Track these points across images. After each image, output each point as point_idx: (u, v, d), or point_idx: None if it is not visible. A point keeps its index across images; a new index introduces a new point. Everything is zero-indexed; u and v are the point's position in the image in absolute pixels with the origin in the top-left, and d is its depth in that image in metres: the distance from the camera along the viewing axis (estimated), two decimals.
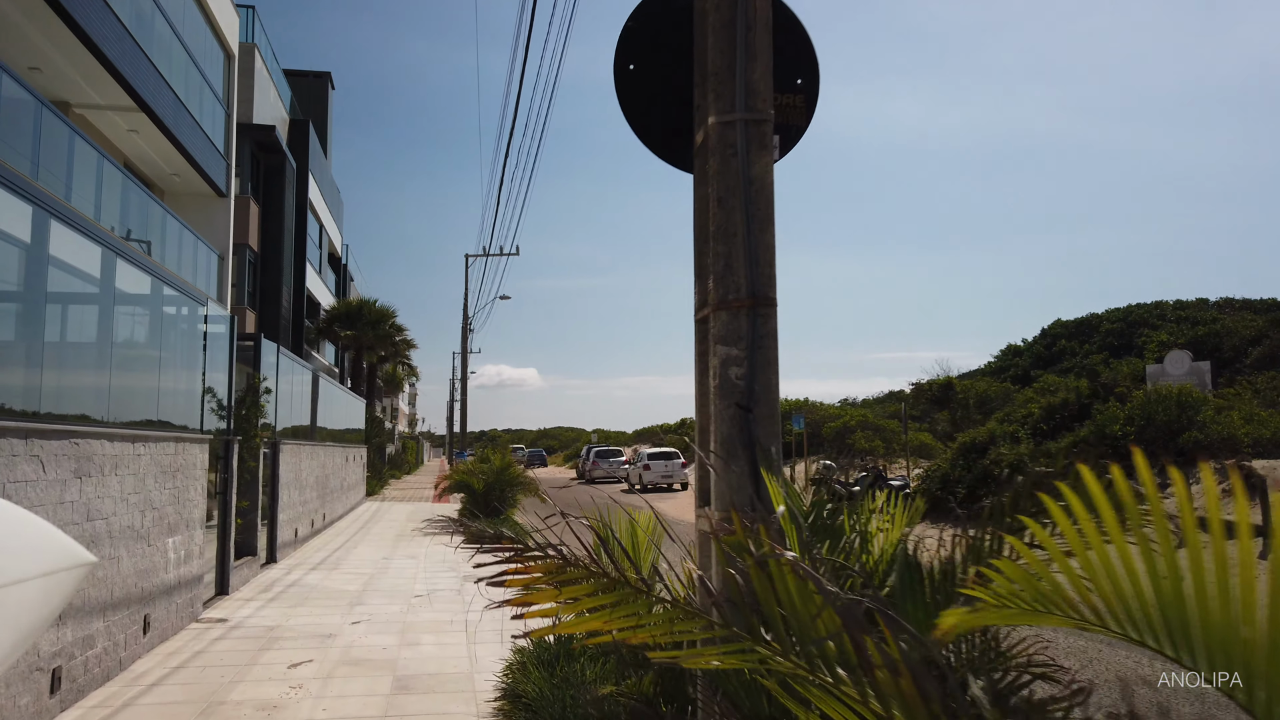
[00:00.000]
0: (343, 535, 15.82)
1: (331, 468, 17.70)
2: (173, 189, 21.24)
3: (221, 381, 9.21)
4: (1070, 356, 38.24)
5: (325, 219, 37.23)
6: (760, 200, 2.51)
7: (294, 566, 11.52)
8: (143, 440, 6.44)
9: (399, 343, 39.98)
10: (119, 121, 16.80)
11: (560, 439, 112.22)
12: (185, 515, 7.53)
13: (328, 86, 40.18)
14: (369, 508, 22.89)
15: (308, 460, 14.45)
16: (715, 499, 2.65)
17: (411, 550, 13.60)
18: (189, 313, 8.03)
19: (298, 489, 13.43)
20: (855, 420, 31.54)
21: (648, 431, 72.42)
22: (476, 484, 16.92)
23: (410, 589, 9.78)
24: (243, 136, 26.42)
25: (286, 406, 13.10)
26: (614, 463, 42.21)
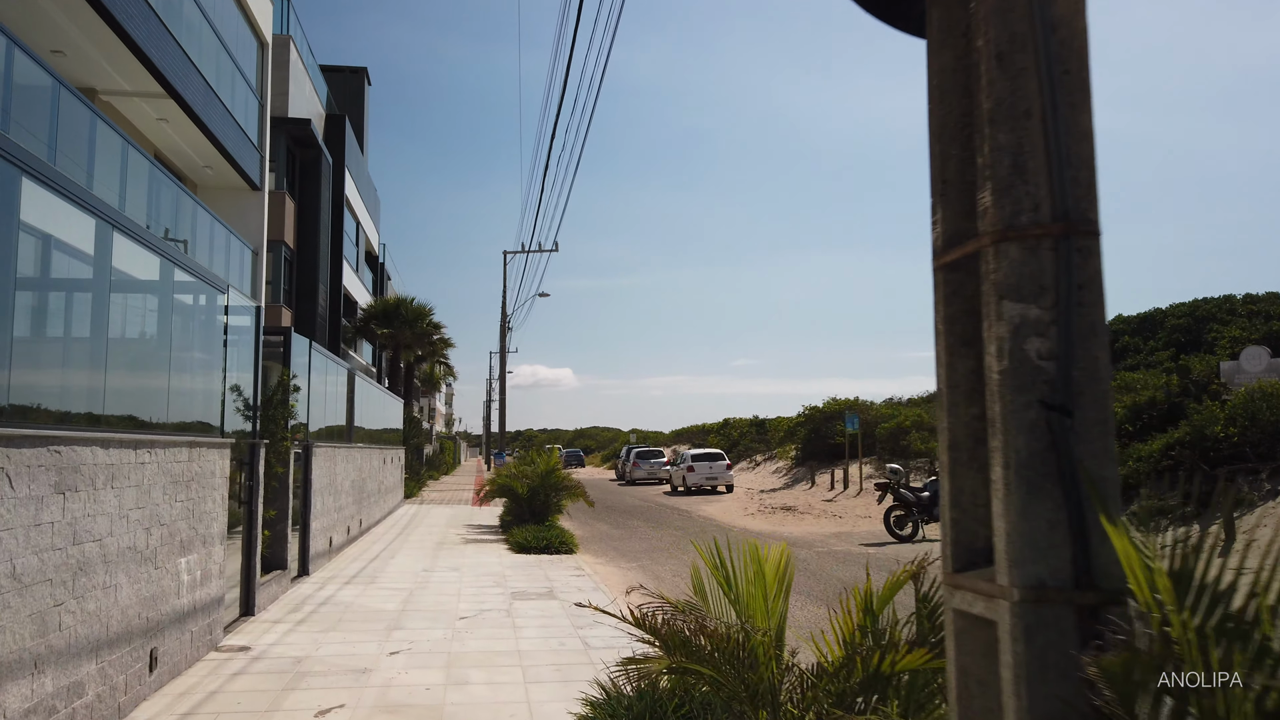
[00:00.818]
0: (380, 543, 14.95)
1: (368, 470, 16.86)
2: (205, 182, 20.58)
3: (245, 379, 8.30)
4: (1134, 353, 36.39)
5: (362, 216, 36.64)
6: (1069, 57, 1.46)
7: (327, 580, 10.62)
8: (147, 446, 5.51)
9: (436, 341, 39.30)
10: (147, 110, 16.09)
11: (597, 439, 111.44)
12: (202, 530, 6.61)
13: (364, 82, 39.62)
14: (407, 512, 22.08)
15: (343, 463, 13.59)
16: (1005, 560, 1.53)
17: (454, 560, 12.66)
18: (207, 302, 7.12)
19: (332, 494, 12.56)
20: (910, 420, 30.16)
21: (686, 431, 71.23)
22: (520, 488, 15.97)
23: (454, 608, 8.81)
24: (277, 130, 25.80)
25: (320, 406, 12.23)
26: (655, 464, 41.15)
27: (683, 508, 25.93)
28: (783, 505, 25.04)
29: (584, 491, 16.33)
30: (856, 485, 26.70)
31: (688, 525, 20.40)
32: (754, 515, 23.10)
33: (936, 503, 17.05)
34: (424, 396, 72.92)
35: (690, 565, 12.74)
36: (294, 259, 27.88)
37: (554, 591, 9.93)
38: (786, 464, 35.98)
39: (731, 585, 3.62)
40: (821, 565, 13.25)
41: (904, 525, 16.55)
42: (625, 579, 12.03)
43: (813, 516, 21.88)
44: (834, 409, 33.61)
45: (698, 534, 18.51)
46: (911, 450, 29.08)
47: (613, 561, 13.95)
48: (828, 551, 15.07)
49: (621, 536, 17.85)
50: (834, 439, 32.29)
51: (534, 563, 12.50)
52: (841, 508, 23.22)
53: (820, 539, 17.17)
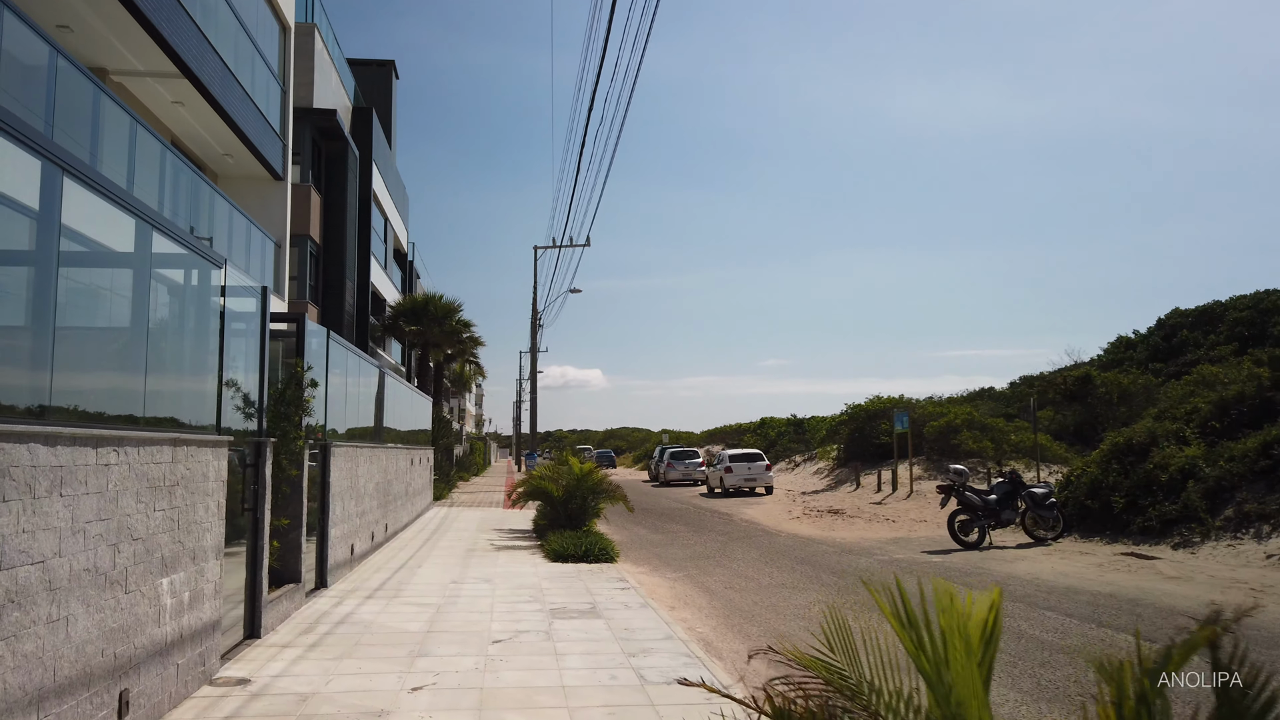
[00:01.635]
0: (407, 550, 13.97)
1: (395, 472, 15.90)
2: (226, 171, 19.79)
3: (249, 371, 7.31)
4: (1194, 348, 34.68)
5: (390, 212, 35.88)
6: None
7: (347, 594, 9.62)
8: (114, 444, 4.50)
9: (466, 340, 38.45)
10: (161, 91, 15.26)
11: (628, 439, 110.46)
12: (191, 544, 5.60)
13: (391, 76, 38.88)
14: (436, 515, 21.14)
15: (366, 464, 12.62)
16: None
17: (485, 570, 11.63)
18: (199, 279, 6.12)
19: (354, 498, 11.58)
20: (960, 418, 28.75)
21: (720, 431, 69.96)
22: (555, 491, 14.93)
23: (487, 629, 7.76)
24: (302, 121, 25.03)
25: (340, 403, 11.25)
26: (690, 465, 40.00)
27: (722, 510, 24.78)
28: (829, 508, 23.79)
29: (623, 495, 15.26)
30: (906, 487, 25.39)
31: (730, 529, 19.26)
32: (799, 519, 21.89)
33: (1005, 506, 15.78)
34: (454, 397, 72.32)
35: (743, 576, 11.56)
36: (320, 254, 27.14)
37: (598, 608, 8.84)
38: (828, 464, 34.67)
39: (928, 657, 2.39)
40: (888, 578, 12.06)
41: (969, 531, 15.29)
42: (672, 592, 10.93)
43: (863, 521, 20.62)
44: (878, 407, 32.27)
45: (742, 538, 17.35)
46: (962, 450, 27.69)
47: (656, 571, 12.86)
48: (890, 561, 13.86)
49: (662, 542, 16.76)
50: (879, 438, 30.95)
51: (572, 573, 11.43)
52: (893, 511, 21.94)
53: (877, 546, 15.94)
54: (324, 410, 9.96)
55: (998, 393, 55.86)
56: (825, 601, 10.17)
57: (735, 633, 8.48)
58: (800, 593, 10.82)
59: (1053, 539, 15.54)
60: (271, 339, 8.90)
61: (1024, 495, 15.71)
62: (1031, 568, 12.74)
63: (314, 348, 9.90)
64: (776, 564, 13.56)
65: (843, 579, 11.90)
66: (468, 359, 44.48)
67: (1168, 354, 35.94)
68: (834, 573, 12.50)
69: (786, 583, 11.61)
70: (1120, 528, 15.06)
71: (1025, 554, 14.26)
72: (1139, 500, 14.92)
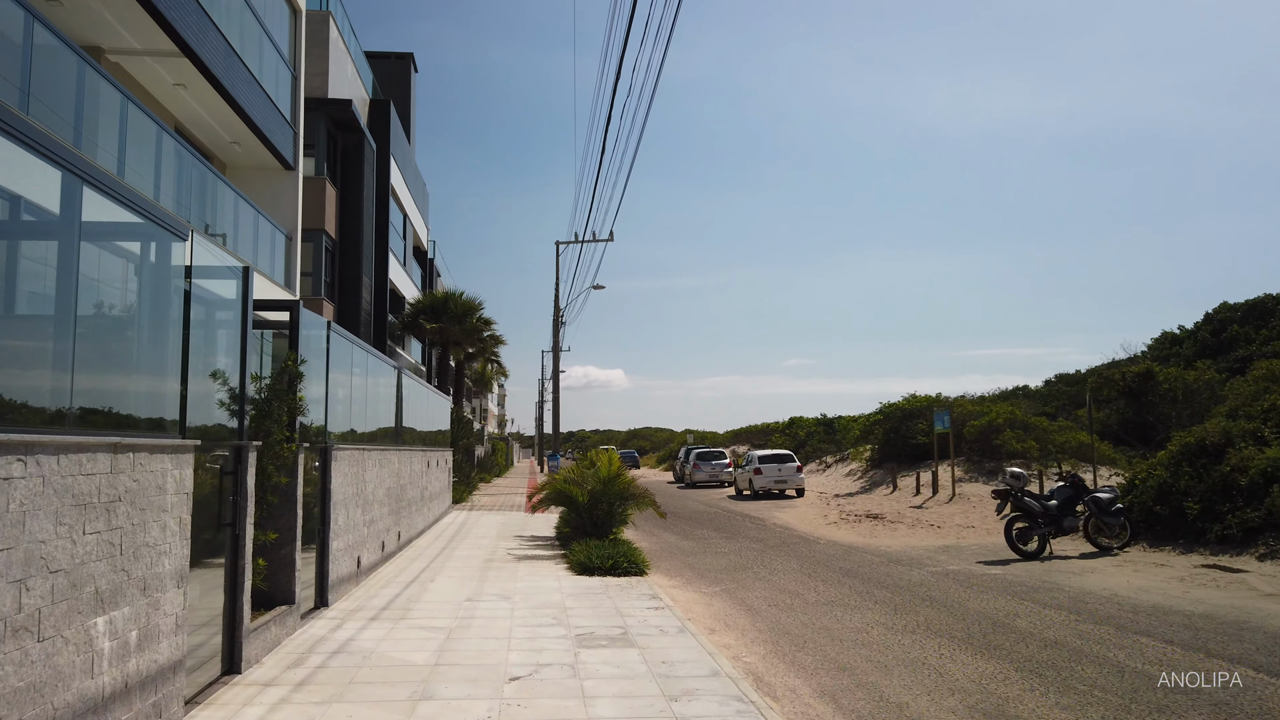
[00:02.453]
0: (421, 560, 12.98)
1: (409, 476, 14.93)
2: (234, 161, 18.94)
3: (227, 365, 6.32)
4: (1245, 343, 33.09)
5: (409, 207, 35.03)
6: None
7: (349, 614, 8.62)
8: (18, 451, 3.50)
9: (487, 339, 37.50)
10: (161, 73, 14.38)
11: (651, 439, 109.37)
12: (140, 571, 4.60)
13: (410, 69, 38.07)
14: (455, 520, 20.18)
15: (375, 468, 11.64)
16: None
17: (504, 585, 10.61)
18: (157, 253, 5.12)
19: (361, 506, 10.59)
20: (1002, 418, 27.42)
21: (746, 431, 68.75)
22: (580, 495, 13.88)
23: (503, 660, 6.72)
24: (316, 112, 24.19)
25: (345, 403, 10.28)
26: (717, 465, 38.85)
27: (754, 514, 23.65)
28: (867, 513, 22.59)
29: (653, 499, 14.18)
30: (948, 490, 24.12)
31: (765, 536, 18.14)
32: (836, 524, 20.72)
33: (1067, 513, 14.54)
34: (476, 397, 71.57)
35: (786, 591, 10.45)
36: (336, 250, 26.31)
37: (630, 634, 7.78)
38: (861, 466, 33.42)
39: None
40: (947, 592, 10.91)
41: (1028, 540, 14.08)
42: (710, 610, 9.85)
43: (906, 526, 19.42)
44: (914, 406, 30.99)
45: (779, 546, 16.24)
46: (1005, 451, 26.38)
47: (690, 584, 11.78)
48: (943, 572, 12.70)
49: (693, 550, 15.67)
50: (915, 439, 29.69)
51: (599, 588, 10.38)
52: (936, 516, 20.71)
53: (927, 555, 14.77)
54: (324, 410, 8.97)
55: (1033, 391, 54.26)
56: (883, 623, 9.05)
57: (788, 664, 7.39)
58: (853, 612, 9.69)
59: (1119, 548, 14.30)
60: (260, 330, 7.92)
61: (1087, 500, 14.48)
62: (1104, 581, 11.53)
63: (313, 341, 8.92)
64: (820, 576, 12.44)
65: (897, 594, 10.77)
66: (489, 358, 43.56)
67: (1217, 349, 34.35)
68: (886, 587, 11.37)
69: (836, 599, 10.49)
70: (1195, 536, 13.80)
71: (1092, 565, 13.05)
72: (1216, 506, 13.65)
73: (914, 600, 10.37)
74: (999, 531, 17.71)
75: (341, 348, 9.91)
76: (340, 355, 9.86)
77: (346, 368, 10.20)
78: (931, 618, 9.31)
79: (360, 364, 11.12)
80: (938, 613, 9.59)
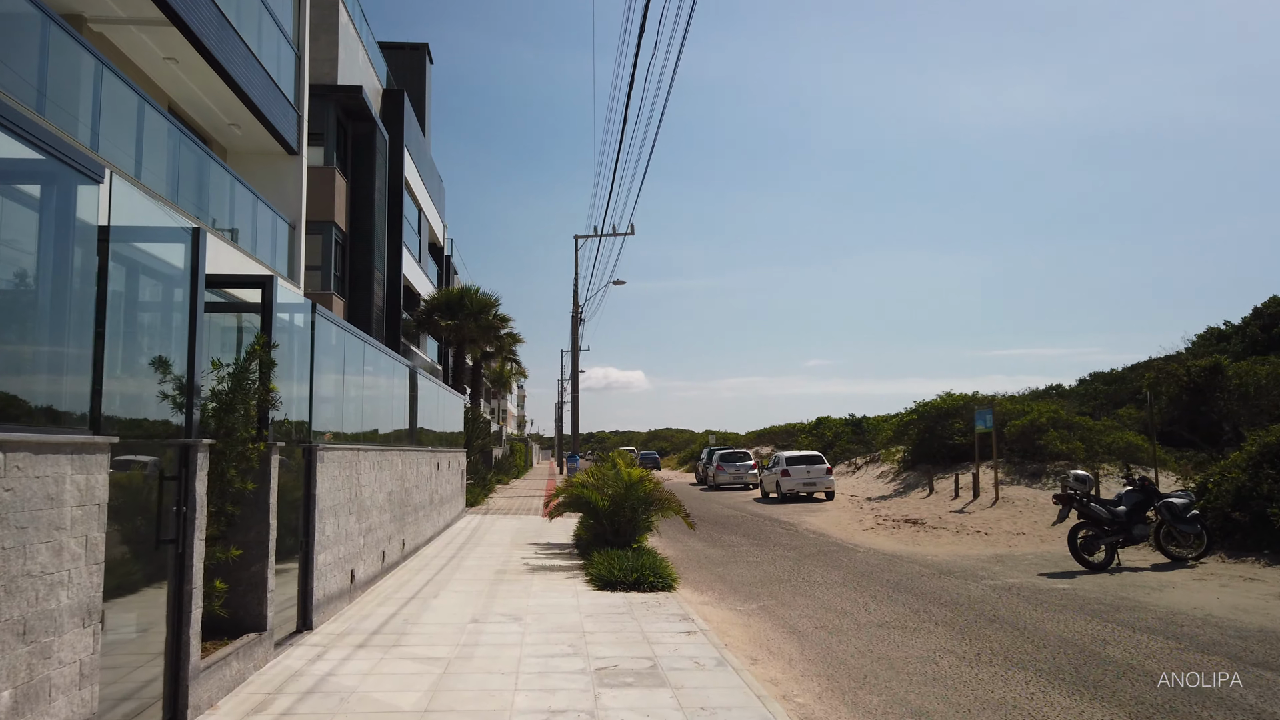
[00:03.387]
0: (426, 571, 11.86)
1: (416, 478, 13.82)
2: (234, 145, 17.93)
3: (170, 346, 5.20)
4: None
5: (424, 202, 34.02)
6: None
7: (335, 640, 7.49)
8: None
9: (504, 336, 36.44)
10: (150, 44, 13.35)
11: (671, 440, 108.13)
12: (17, 611, 3.49)
13: (425, 60, 37.07)
14: (468, 525, 19.07)
15: (375, 472, 10.53)
16: None
17: (515, 602, 9.45)
18: (58, 200, 3.99)
19: (355, 513, 9.47)
20: (1045, 416, 25.97)
21: (769, 432, 67.32)
22: (600, 501, 12.69)
23: (508, 707, 5.55)
24: (325, 99, 23.20)
25: (336, 398, 9.16)
26: (741, 467, 37.54)
27: (783, 519, 22.38)
28: (905, 517, 21.26)
29: (679, 505, 12.96)
30: (989, 493, 22.73)
31: (798, 543, 16.88)
32: (874, 530, 19.42)
33: (1137, 520, 13.20)
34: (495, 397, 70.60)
35: (832, 609, 9.21)
36: (346, 243, 25.30)
37: (660, 668, 6.59)
38: (893, 467, 32.02)
39: None
40: (1016, 611, 9.63)
41: (1094, 549, 12.75)
42: (749, 634, 8.64)
43: (949, 533, 18.10)
44: (950, 405, 29.56)
45: (815, 554, 14.99)
46: (1048, 451, 24.93)
47: (723, 600, 10.58)
48: (1004, 587, 11.41)
49: (723, 560, 14.45)
50: (952, 439, 28.27)
51: (622, 607, 9.20)
52: (980, 521, 19.37)
53: (980, 565, 13.47)
54: (309, 405, 7.85)
55: (1066, 391, 52.50)
56: (952, 651, 7.81)
57: (851, 706, 6.17)
58: (914, 636, 8.45)
59: (1194, 559, 12.95)
60: (223, 311, 6.82)
61: (1159, 506, 13.14)
62: (1191, 599, 10.21)
63: (294, 325, 7.81)
64: (867, 590, 11.20)
65: (959, 613, 9.51)
66: (507, 356, 42.49)
67: (1268, 345, 32.65)
68: (944, 604, 10.10)
69: (891, 620, 9.25)
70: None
71: (1169, 579, 11.72)
72: None
73: (980, 621, 9.11)
74: (1054, 539, 16.38)
75: (332, 335, 8.79)
76: (330, 344, 8.75)
77: (337, 358, 9.08)
78: (1006, 644, 8.05)
79: (355, 355, 10.00)
80: (1011, 637, 8.33)
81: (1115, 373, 55.67)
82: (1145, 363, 55.08)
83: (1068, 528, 17.27)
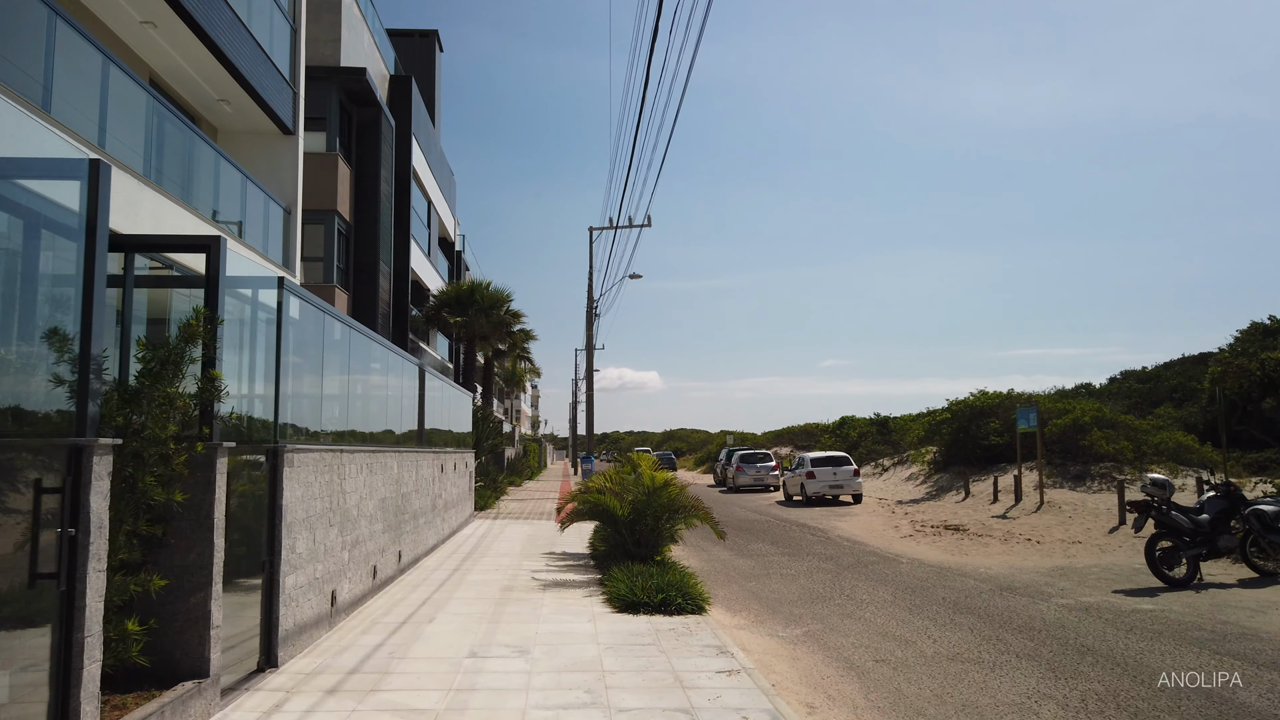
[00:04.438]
0: (424, 587, 10.58)
1: (415, 482, 12.55)
2: (225, 124, 16.74)
3: (58, 318, 3.93)
4: None
5: (434, 194, 32.79)
6: None
7: (302, 682, 6.20)
8: None
9: (516, 333, 35.20)
10: (127, 8, 12.14)
11: (687, 441, 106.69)
12: None
13: (435, 47, 35.87)
14: (475, 532, 17.80)
15: (364, 476, 9.26)
16: None
17: (523, 629, 8.14)
18: None
19: (338, 524, 8.20)
20: (1089, 415, 24.47)
21: (787, 432, 65.82)
22: (619, 508, 11.36)
23: None
24: (327, 81, 22.00)
25: (314, 391, 7.88)
26: (762, 468, 36.13)
27: (812, 524, 20.99)
28: (943, 523, 19.84)
29: (708, 514, 11.60)
30: (1031, 497, 21.26)
31: (833, 552, 15.51)
32: (913, 538, 18.01)
33: (1222, 530, 11.77)
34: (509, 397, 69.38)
35: (889, 635, 7.68)
36: (350, 234, 24.09)
37: None
38: (923, 469, 30.55)
39: None
40: (1105, 640, 8.24)
41: (1175, 563, 11.33)
42: (799, 670, 7.30)
43: (997, 541, 16.67)
44: (984, 403, 28.08)
45: (855, 566, 13.63)
46: (1093, 452, 23.43)
47: (762, 623, 9.23)
48: (1079, 606, 10.02)
49: (753, 572, 13.11)
50: (988, 439, 26.80)
51: (647, 635, 7.88)
52: (1028, 528, 17.92)
53: (1043, 580, 12.06)
54: (274, 399, 6.57)
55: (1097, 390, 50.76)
56: (1050, 695, 6.44)
57: None
58: (996, 674, 7.08)
59: None
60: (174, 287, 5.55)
61: (1247, 515, 11.70)
62: None
63: (254, 301, 6.54)
64: (924, 611, 9.83)
65: (1040, 643, 8.13)
66: (520, 354, 41.29)
67: None
68: (1018, 629, 8.73)
69: (963, 651, 7.88)
70: None
71: (1266, 597, 10.30)
72: None
73: (1069, 653, 7.73)
74: (1114, 548, 14.95)
75: (309, 319, 7.52)
76: (308, 329, 7.47)
77: (315, 346, 7.80)
78: (1111, 685, 6.68)
79: (338, 344, 8.72)
80: (1114, 676, 6.95)
81: (1146, 371, 53.94)
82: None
83: (1126, 536, 15.85)
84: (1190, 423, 32.68)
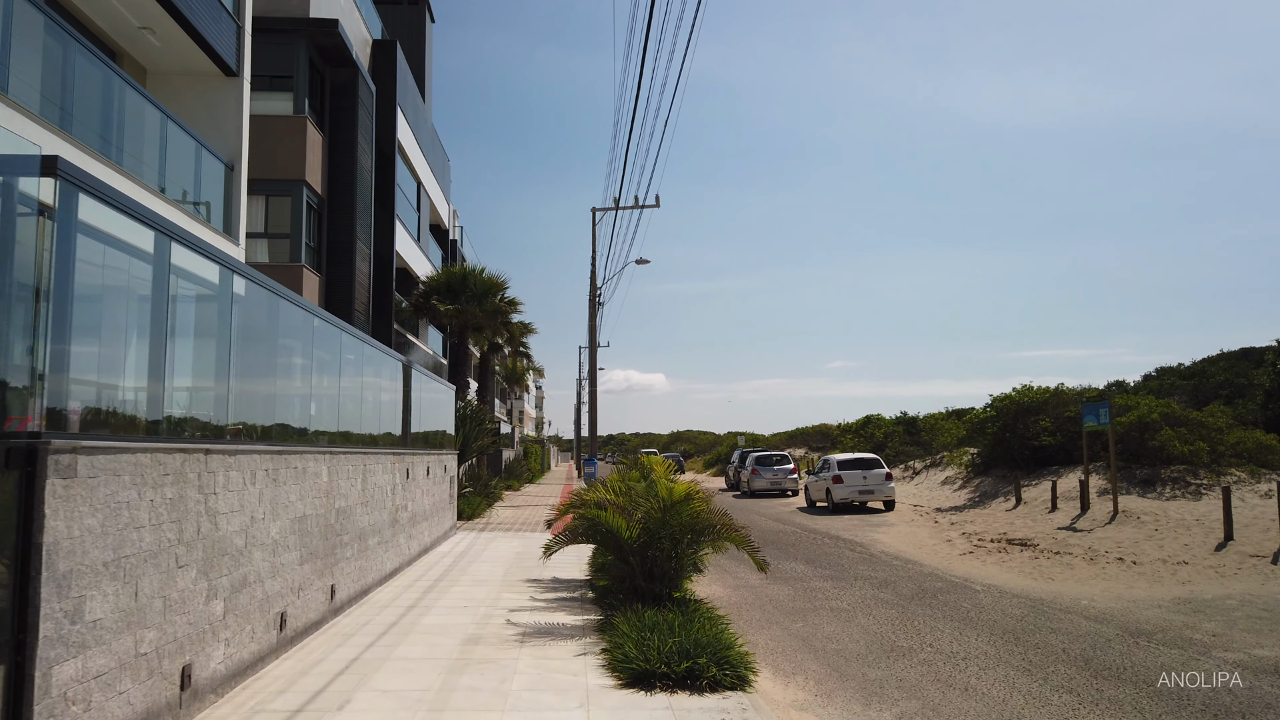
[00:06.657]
0: (357, 638, 7.80)
1: (362, 493, 9.80)
2: (156, 64, 14.03)
3: None
4: None
5: (424, 174, 30.02)
6: None
7: None
8: None
9: (514, 325, 32.39)
10: None
11: (695, 442, 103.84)
12: None
13: (425, 16, 33.15)
14: (455, 546, 15.03)
15: (254, 488, 6.51)
16: None
17: (479, 719, 5.37)
18: None
19: (195, 566, 5.44)
20: (1157, 412, 21.63)
21: (799, 433, 62.98)
22: (627, 530, 8.55)
23: None
24: (294, 34, 19.28)
25: (135, 359, 5.13)
26: (780, 471, 33.29)
27: (846, 536, 18.18)
28: (1004, 536, 17.01)
29: (745, 538, 8.74)
30: (1103, 506, 18.42)
31: (885, 575, 12.70)
32: (972, 554, 15.19)
33: None
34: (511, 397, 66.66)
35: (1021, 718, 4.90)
36: (323, 209, 21.32)
37: None
38: (959, 472, 27.72)
39: None
40: None
41: None
42: None
43: (1081, 561, 13.83)
44: (1031, 400, 25.21)
45: (919, 596, 10.84)
46: (1165, 454, 20.59)
47: (831, 700, 6.45)
48: (1255, 664, 7.21)
49: (794, 604, 10.33)
50: (1037, 439, 23.96)
51: None
52: (1110, 544, 15.07)
53: (1176, 619, 9.24)
54: (33, 364, 3.82)
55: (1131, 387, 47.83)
56: None
57: None
58: None
59: None
60: None
61: None
62: None
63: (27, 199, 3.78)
64: (1045, 673, 7.04)
65: None
66: (518, 349, 38.53)
67: None
68: (1199, 711, 5.93)
69: None
70: None
71: None
72: None
73: None
74: (1236, 571, 12.09)
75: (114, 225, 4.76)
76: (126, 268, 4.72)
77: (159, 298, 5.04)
78: None
79: (219, 288, 5.95)
80: None
81: (1184, 367, 50.97)
82: (1220, 355, 50.01)
83: (1239, 555, 12.98)
84: (1248, 420, 29.87)
